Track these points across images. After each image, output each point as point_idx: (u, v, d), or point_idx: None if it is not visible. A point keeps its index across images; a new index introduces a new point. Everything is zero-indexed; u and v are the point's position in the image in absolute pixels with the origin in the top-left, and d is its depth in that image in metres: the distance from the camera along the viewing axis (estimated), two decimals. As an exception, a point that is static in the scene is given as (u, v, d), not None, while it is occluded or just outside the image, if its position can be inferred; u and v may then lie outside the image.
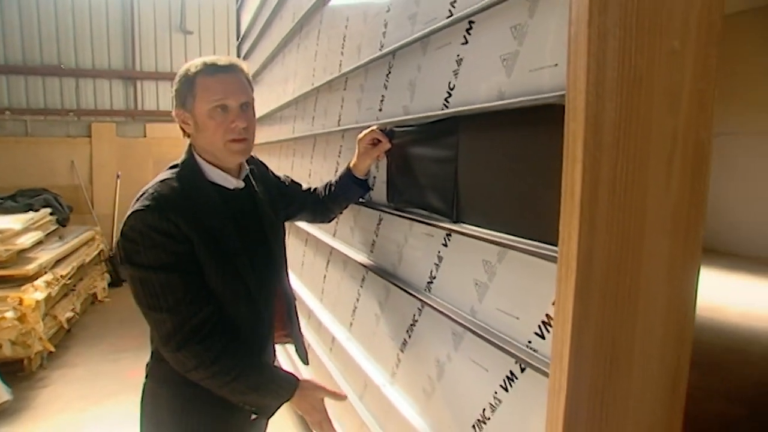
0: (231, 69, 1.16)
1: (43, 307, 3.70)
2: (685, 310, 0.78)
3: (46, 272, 3.94)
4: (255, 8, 3.48)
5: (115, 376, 3.71)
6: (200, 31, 6.73)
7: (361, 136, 1.42)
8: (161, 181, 1.13)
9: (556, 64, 0.78)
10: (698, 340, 0.81)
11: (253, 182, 1.32)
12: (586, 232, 0.67)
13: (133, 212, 1.07)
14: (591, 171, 0.66)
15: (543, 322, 0.84)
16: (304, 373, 2.30)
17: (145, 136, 6.57)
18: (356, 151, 1.46)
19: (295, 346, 1.48)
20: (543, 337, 0.84)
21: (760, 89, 5.11)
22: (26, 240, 3.89)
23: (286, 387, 1.15)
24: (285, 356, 2.84)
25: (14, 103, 6.05)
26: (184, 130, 1.21)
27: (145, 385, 1.25)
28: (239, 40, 4.37)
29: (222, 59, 1.17)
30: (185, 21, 6.63)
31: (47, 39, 6.09)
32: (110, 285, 5.65)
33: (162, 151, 6.53)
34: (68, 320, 4.26)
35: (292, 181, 1.59)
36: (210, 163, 1.20)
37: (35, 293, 3.57)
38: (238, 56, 4.30)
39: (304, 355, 1.46)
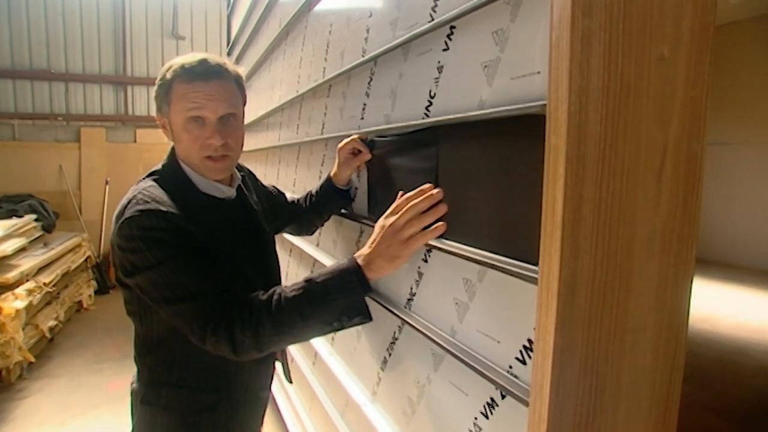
0: (213, 74, 1.04)
1: (24, 316, 3.61)
2: (677, 336, 0.72)
3: (27, 280, 3.85)
4: (244, 14, 3.43)
5: (97, 387, 3.61)
6: (192, 37, 6.68)
7: (341, 145, 1.37)
8: (146, 188, 1.02)
9: (539, 72, 0.73)
10: (689, 352, 0.75)
11: (246, 192, 1.24)
12: (569, 254, 0.62)
13: (124, 221, 0.96)
14: (573, 188, 0.61)
15: (524, 347, 0.78)
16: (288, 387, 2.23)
17: (135, 142, 6.49)
18: (336, 160, 1.41)
19: (282, 365, 1.41)
20: (524, 363, 0.78)
21: (758, 99, 5.10)
22: (7, 247, 3.80)
23: (347, 270, 0.93)
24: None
25: (2, 107, 5.96)
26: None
27: (136, 409, 1.13)
28: (229, 45, 4.32)
29: (205, 62, 1.05)
30: (177, 26, 6.58)
31: (37, 43, 6.02)
32: (97, 292, 5.56)
33: (152, 157, 6.45)
34: (51, 329, 4.16)
35: (278, 191, 1.52)
36: (194, 170, 1.10)
37: (15, 302, 3.48)
38: (228, 62, 4.24)
39: (287, 373, 1.38)
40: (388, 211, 0.96)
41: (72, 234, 5.28)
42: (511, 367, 0.81)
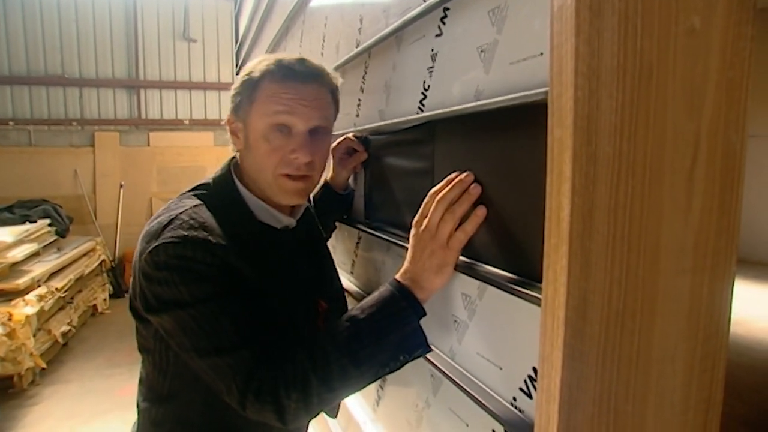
0: (312, 78, 0.89)
1: (35, 322, 3.61)
2: (713, 366, 0.60)
3: (39, 285, 3.85)
4: (249, 12, 3.36)
5: (107, 393, 3.59)
6: (204, 39, 6.66)
7: (334, 144, 1.27)
8: (194, 208, 0.85)
9: (542, 53, 0.62)
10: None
11: (314, 218, 1.09)
12: (578, 272, 0.50)
13: (160, 245, 0.79)
14: (583, 192, 0.49)
15: (530, 377, 0.67)
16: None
17: (148, 145, 6.51)
18: (331, 162, 1.31)
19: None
20: (530, 396, 0.67)
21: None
22: (18, 253, 3.81)
23: (394, 297, 0.78)
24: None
25: (18, 113, 6.03)
26: (235, 145, 0.95)
27: None
28: (237, 45, 4.26)
29: (306, 61, 0.90)
30: (189, 29, 6.57)
31: (51, 49, 6.07)
32: (112, 296, 5.57)
33: (165, 160, 6.48)
34: (64, 334, 4.16)
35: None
36: (253, 192, 0.93)
37: (25, 308, 3.47)
38: (236, 63, 4.19)
39: (335, 409, 1.15)
40: (417, 215, 0.81)
41: (86, 238, 5.30)
42: (515, 399, 0.70)
